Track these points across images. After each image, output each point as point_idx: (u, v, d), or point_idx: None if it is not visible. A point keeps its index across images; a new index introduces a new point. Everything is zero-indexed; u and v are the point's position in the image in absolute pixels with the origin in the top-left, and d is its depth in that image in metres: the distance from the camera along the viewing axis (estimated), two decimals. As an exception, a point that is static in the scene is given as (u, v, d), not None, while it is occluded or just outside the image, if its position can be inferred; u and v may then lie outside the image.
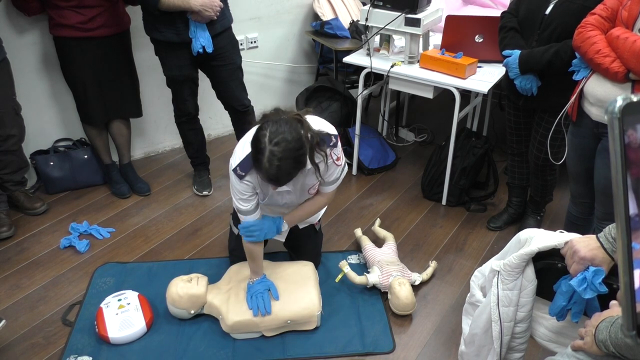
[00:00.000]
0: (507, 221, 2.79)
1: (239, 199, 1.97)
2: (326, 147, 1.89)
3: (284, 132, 1.70)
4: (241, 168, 1.88)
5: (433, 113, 3.97)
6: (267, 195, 2.03)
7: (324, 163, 1.93)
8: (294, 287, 2.17)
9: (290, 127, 1.72)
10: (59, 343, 2.12)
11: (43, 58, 2.85)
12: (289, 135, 1.70)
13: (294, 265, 2.31)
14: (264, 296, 2.09)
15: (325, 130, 1.91)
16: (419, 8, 2.70)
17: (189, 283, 2.14)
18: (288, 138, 1.69)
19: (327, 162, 1.94)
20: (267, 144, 1.68)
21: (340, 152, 2.00)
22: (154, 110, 3.30)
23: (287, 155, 1.69)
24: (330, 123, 1.98)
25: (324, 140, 1.88)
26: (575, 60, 1.98)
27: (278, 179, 1.74)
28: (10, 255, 2.59)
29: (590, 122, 1.97)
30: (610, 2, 1.87)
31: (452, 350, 2.08)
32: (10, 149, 2.65)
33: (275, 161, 1.68)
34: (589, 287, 1.30)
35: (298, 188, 2.03)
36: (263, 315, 2.06)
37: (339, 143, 1.97)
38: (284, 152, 1.68)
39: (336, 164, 1.99)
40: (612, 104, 0.81)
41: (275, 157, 1.68)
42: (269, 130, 1.70)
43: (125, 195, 3.01)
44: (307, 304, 2.12)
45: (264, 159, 1.69)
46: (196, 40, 2.51)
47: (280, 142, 1.68)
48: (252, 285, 2.14)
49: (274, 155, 1.68)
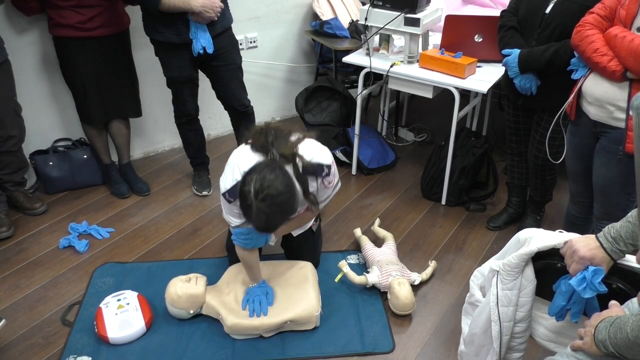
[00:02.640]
0: (507, 221, 2.79)
1: (229, 216, 1.97)
2: (318, 177, 1.89)
3: (270, 184, 1.65)
4: (230, 194, 1.87)
5: (432, 113, 3.97)
6: None
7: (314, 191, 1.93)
8: (293, 287, 2.17)
9: (276, 177, 1.67)
10: (59, 343, 2.12)
11: (42, 58, 2.85)
12: (276, 187, 1.66)
13: (293, 265, 2.31)
14: (261, 299, 2.10)
15: (318, 162, 1.89)
16: (419, 8, 2.70)
17: (188, 283, 2.14)
18: (274, 192, 1.65)
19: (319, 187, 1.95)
20: (253, 200, 1.65)
21: (332, 177, 1.97)
22: (154, 110, 3.30)
23: (275, 210, 1.67)
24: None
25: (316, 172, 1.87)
26: (573, 60, 1.98)
27: (268, 230, 1.76)
28: (10, 255, 2.59)
29: (588, 121, 1.97)
30: (609, 1, 1.87)
31: (452, 350, 2.08)
32: (10, 150, 2.65)
33: (263, 217, 1.66)
34: (589, 286, 1.30)
35: None
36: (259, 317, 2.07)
37: (332, 170, 1.95)
38: (271, 207, 1.65)
39: (327, 187, 1.98)
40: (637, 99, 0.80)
41: (263, 213, 1.66)
42: (253, 184, 1.65)
43: (125, 195, 3.01)
44: (306, 304, 2.12)
45: (252, 214, 1.67)
46: (197, 41, 2.51)
47: (266, 197, 1.64)
48: (251, 289, 2.15)
49: (262, 211, 1.65)
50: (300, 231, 2.30)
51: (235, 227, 2.01)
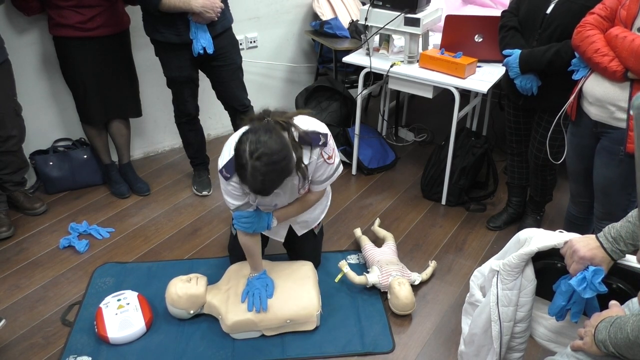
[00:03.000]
0: (507, 221, 2.79)
1: (228, 197, 1.97)
2: (315, 146, 1.89)
3: (265, 142, 1.65)
4: (226, 170, 1.87)
5: (432, 113, 3.97)
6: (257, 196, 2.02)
7: (313, 164, 1.93)
8: (293, 286, 2.17)
9: (270, 137, 1.68)
10: (59, 343, 2.11)
11: (42, 58, 2.85)
12: (270, 146, 1.66)
13: (293, 264, 2.31)
14: (261, 293, 2.09)
15: (314, 129, 1.89)
16: (419, 8, 2.70)
17: (188, 283, 2.14)
18: (269, 151, 1.65)
19: (317, 162, 1.93)
20: (248, 159, 1.65)
21: (332, 151, 1.97)
22: (154, 110, 3.30)
23: (270, 169, 1.66)
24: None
25: (312, 140, 1.87)
26: (574, 60, 1.98)
27: (264, 192, 1.75)
28: (10, 255, 2.59)
29: (589, 122, 1.97)
30: (610, 1, 1.87)
31: (452, 350, 2.08)
32: (10, 150, 2.65)
33: (258, 176, 1.66)
34: (589, 286, 1.30)
35: (288, 189, 2.02)
36: (258, 312, 2.06)
37: (330, 141, 1.94)
38: (266, 165, 1.65)
39: (327, 163, 1.96)
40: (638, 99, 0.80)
41: (259, 172, 1.65)
42: (248, 144, 1.66)
43: (125, 195, 3.01)
44: (306, 303, 2.12)
45: (247, 174, 1.67)
46: (197, 42, 2.51)
47: (261, 155, 1.64)
48: (251, 281, 2.14)
49: (257, 170, 1.65)
50: (303, 231, 2.30)
51: (235, 210, 2.00)
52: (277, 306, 2.09)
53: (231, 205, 2.00)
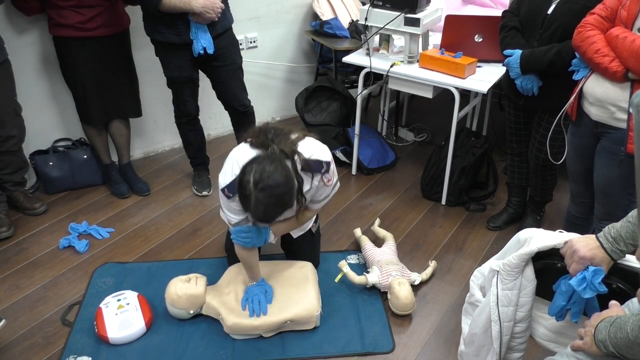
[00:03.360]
0: (507, 221, 2.79)
1: (229, 212, 1.96)
2: (317, 174, 1.91)
3: (269, 176, 1.67)
4: (229, 189, 1.86)
5: (432, 113, 3.97)
6: None
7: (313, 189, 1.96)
8: (293, 287, 2.17)
9: (276, 168, 1.69)
10: (59, 343, 2.11)
11: (42, 58, 2.85)
12: (275, 179, 1.67)
13: (292, 265, 2.31)
14: (260, 299, 2.09)
15: (317, 158, 1.89)
16: (419, 8, 2.70)
17: (188, 283, 2.14)
18: (274, 183, 1.67)
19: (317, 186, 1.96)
20: (252, 190, 1.67)
21: (331, 175, 1.98)
22: (154, 110, 3.30)
23: (273, 201, 1.69)
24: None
25: (314, 168, 1.88)
26: (574, 60, 1.98)
27: (265, 221, 1.82)
28: (10, 255, 2.59)
29: (589, 122, 1.97)
30: (610, 1, 1.87)
31: (452, 350, 2.08)
32: (10, 150, 2.65)
33: (261, 207, 1.69)
34: (589, 286, 1.30)
35: None
36: (258, 317, 2.06)
37: (331, 167, 1.96)
38: (270, 197, 1.67)
39: (326, 185, 1.99)
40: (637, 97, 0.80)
41: (262, 204, 1.68)
42: (252, 174, 1.67)
43: (125, 195, 3.01)
44: (306, 304, 2.12)
45: (250, 204, 1.70)
46: (197, 42, 2.51)
47: (265, 188, 1.66)
48: (250, 288, 2.15)
49: (260, 202, 1.67)
50: (300, 232, 2.30)
51: (234, 225, 2.00)
52: (277, 308, 2.09)
53: (232, 220, 1.98)
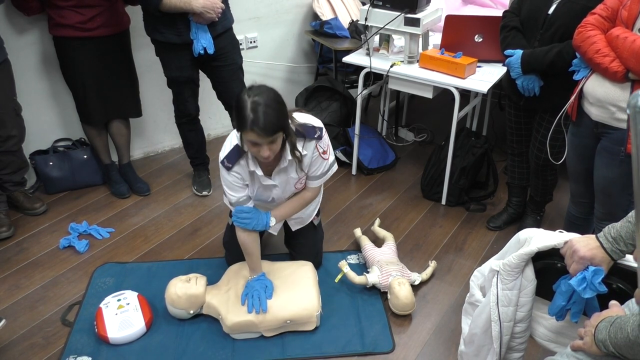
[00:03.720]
0: (507, 221, 2.79)
1: (229, 189, 2.03)
2: (310, 138, 1.97)
3: (264, 90, 1.79)
4: (228, 160, 1.95)
5: (432, 113, 3.97)
6: (255, 189, 2.09)
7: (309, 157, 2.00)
8: (293, 287, 2.18)
9: (269, 89, 1.80)
10: (59, 343, 2.12)
11: (42, 58, 2.85)
12: (269, 91, 1.79)
13: (292, 265, 2.31)
14: (260, 295, 2.09)
15: (310, 123, 1.97)
16: (419, 8, 2.70)
17: (188, 283, 2.14)
18: (266, 90, 1.79)
19: (313, 156, 2.01)
20: (247, 99, 1.75)
21: (327, 146, 2.04)
22: (154, 110, 3.30)
23: (268, 102, 1.75)
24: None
25: (307, 132, 1.95)
26: (575, 60, 1.98)
27: (263, 123, 1.74)
28: (10, 255, 2.59)
29: (590, 122, 1.97)
30: (611, 1, 1.87)
31: (452, 350, 2.08)
32: (10, 150, 2.65)
33: (258, 108, 1.73)
34: (589, 286, 1.30)
35: (284, 182, 2.07)
36: (258, 313, 2.06)
37: (324, 136, 2.02)
38: (266, 100, 1.75)
39: (322, 158, 2.04)
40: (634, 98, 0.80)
41: (258, 104, 1.74)
42: (247, 91, 1.78)
43: (125, 195, 3.01)
44: (306, 304, 2.12)
45: (247, 111, 1.74)
46: (197, 42, 2.51)
47: (260, 93, 1.76)
48: (250, 283, 2.14)
49: (256, 103, 1.74)
50: (299, 226, 2.32)
51: (234, 204, 2.05)
52: (277, 307, 2.09)
53: (232, 198, 2.04)
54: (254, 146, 1.82)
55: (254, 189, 2.08)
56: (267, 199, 2.13)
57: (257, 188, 2.08)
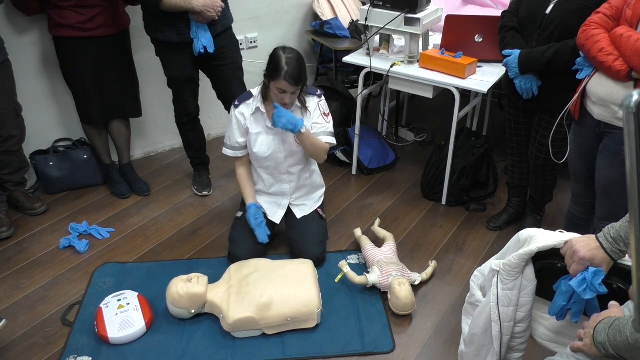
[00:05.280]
0: (507, 221, 2.79)
1: (231, 130, 2.38)
2: (313, 95, 2.36)
3: (295, 50, 2.21)
4: (238, 100, 2.36)
5: (433, 113, 3.97)
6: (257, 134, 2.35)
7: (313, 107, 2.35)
8: (294, 284, 2.18)
9: (297, 51, 2.23)
10: (59, 343, 2.12)
11: (43, 58, 2.85)
12: (298, 52, 2.22)
13: (292, 263, 2.33)
14: (258, 225, 2.39)
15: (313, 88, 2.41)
16: (419, 8, 2.70)
17: (190, 282, 2.14)
18: (297, 53, 2.21)
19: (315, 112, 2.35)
20: (282, 54, 2.15)
21: (327, 111, 2.41)
22: (154, 110, 3.30)
23: (299, 58, 2.18)
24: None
25: (310, 90, 2.37)
26: (578, 59, 1.98)
27: (296, 76, 2.14)
28: (10, 255, 2.59)
29: (592, 121, 1.97)
30: (615, 1, 1.87)
31: (452, 350, 2.08)
32: (10, 150, 2.65)
33: (292, 61, 2.14)
34: (589, 287, 1.30)
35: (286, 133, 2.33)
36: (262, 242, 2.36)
37: (324, 101, 2.40)
38: (297, 56, 2.18)
39: (324, 117, 2.38)
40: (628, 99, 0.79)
41: (292, 60, 2.15)
42: (281, 49, 2.19)
43: (125, 195, 3.01)
44: (307, 301, 2.13)
45: (282, 64, 2.13)
46: (198, 41, 2.51)
47: (292, 51, 2.20)
48: (247, 217, 2.40)
49: (290, 58, 2.15)
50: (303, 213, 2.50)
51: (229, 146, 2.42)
52: (278, 304, 2.10)
53: (228, 140, 2.41)
54: (281, 93, 2.19)
55: (256, 133, 2.35)
56: (267, 150, 2.36)
57: (260, 134, 2.35)
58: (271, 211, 2.52)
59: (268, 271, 2.22)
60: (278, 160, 2.40)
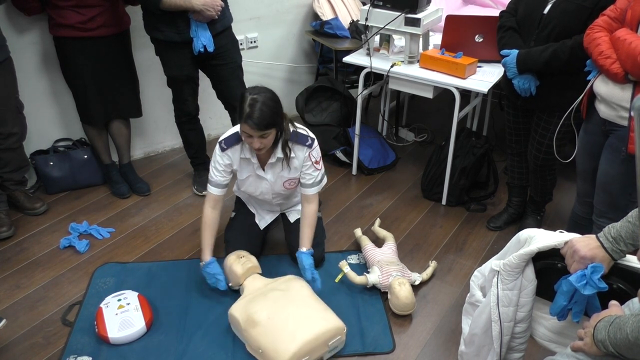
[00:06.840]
0: (507, 221, 2.79)
1: (214, 168, 2.22)
2: (303, 144, 2.19)
3: (263, 90, 2.04)
4: (225, 142, 2.19)
5: (433, 113, 3.97)
6: (246, 177, 2.27)
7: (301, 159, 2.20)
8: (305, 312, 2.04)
9: (268, 90, 2.04)
10: (59, 343, 2.12)
11: (43, 58, 2.85)
12: (267, 91, 2.04)
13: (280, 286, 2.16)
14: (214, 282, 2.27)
15: (304, 132, 2.20)
16: (419, 8, 2.70)
17: (239, 259, 2.26)
18: (264, 90, 2.03)
19: (305, 163, 2.21)
20: (248, 96, 1.99)
21: (319, 158, 2.26)
22: (154, 110, 3.30)
23: (265, 101, 1.98)
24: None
25: (300, 137, 2.18)
26: (588, 61, 2.00)
27: (256, 119, 1.96)
28: (10, 255, 2.59)
29: (599, 119, 1.98)
30: (620, 2, 1.89)
31: (452, 350, 2.08)
32: (11, 147, 2.65)
33: (255, 104, 1.96)
34: (588, 283, 1.30)
35: (275, 177, 2.26)
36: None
37: (316, 147, 2.23)
38: (263, 99, 1.99)
39: (315, 167, 2.24)
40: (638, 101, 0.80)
41: (256, 101, 1.97)
42: (249, 90, 2.03)
43: (125, 195, 3.01)
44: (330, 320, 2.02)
45: (245, 105, 1.98)
46: (197, 40, 2.51)
47: (259, 93, 2.01)
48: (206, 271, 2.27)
49: (255, 100, 1.97)
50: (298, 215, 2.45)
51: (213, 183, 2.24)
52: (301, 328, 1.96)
53: (212, 178, 2.23)
54: (247, 137, 2.05)
55: (245, 177, 2.27)
56: (254, 191, 2.32)
57: (249, 177, 2.27)
58: (259, 215, 2.52)
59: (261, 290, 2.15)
60: (266, 198, 2.38)
